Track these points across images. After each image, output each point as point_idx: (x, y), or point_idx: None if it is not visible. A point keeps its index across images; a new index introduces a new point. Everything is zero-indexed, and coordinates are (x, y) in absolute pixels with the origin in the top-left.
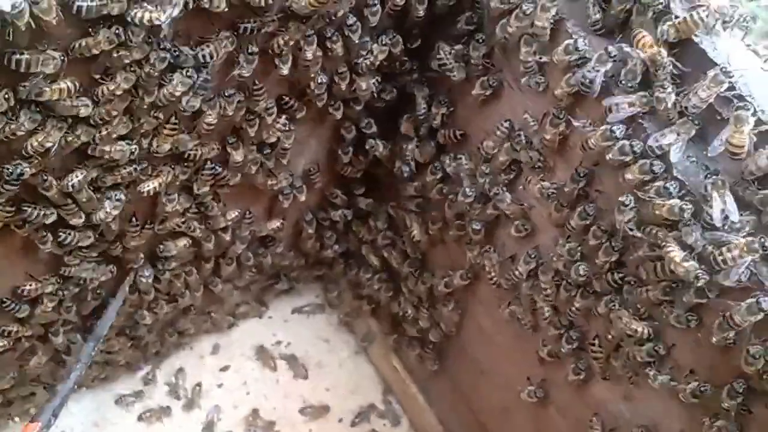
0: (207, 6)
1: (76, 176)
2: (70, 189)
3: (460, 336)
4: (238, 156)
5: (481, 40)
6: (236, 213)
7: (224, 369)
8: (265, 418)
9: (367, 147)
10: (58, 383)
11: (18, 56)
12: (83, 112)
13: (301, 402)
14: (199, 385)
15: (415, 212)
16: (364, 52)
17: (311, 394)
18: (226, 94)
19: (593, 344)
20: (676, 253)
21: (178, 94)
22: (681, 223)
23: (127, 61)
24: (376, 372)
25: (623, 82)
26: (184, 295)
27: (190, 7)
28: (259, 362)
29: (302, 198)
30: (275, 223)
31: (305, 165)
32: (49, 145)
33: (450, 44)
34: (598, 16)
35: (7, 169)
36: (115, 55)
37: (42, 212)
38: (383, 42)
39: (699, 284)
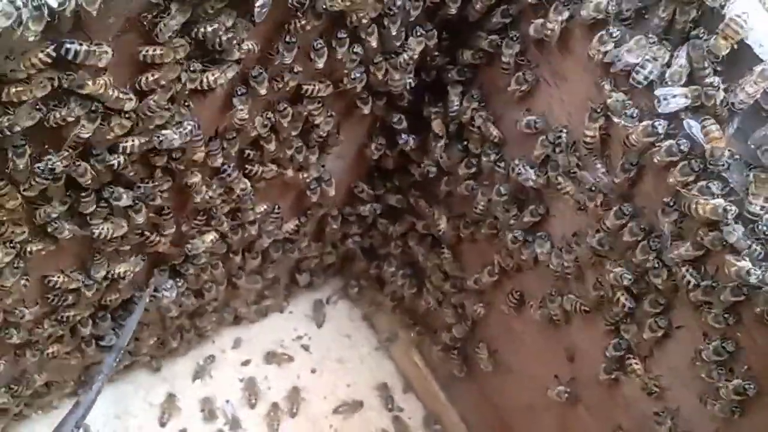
0: None
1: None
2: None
3: (485, 334)
4: (271, 146)
5: (515, 38)
6: (265, 206)
7: (245, 363)
8: (286, 413)
9: (399, 142)
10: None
11: (76, 47)
12: (128, 105)
13: (321, 397)
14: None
15: (441, 204)
16: (398, 43)
17: (332, 390)
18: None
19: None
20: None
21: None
22: (723, 223)
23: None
24: (397, 369)
25: (669, 83)
26: (210, 289)
27: None
28: (280, 357)
29: (331, 192)
30: (293, 223)
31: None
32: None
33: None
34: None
35: (39, 167)
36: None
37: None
38: (419, 34)
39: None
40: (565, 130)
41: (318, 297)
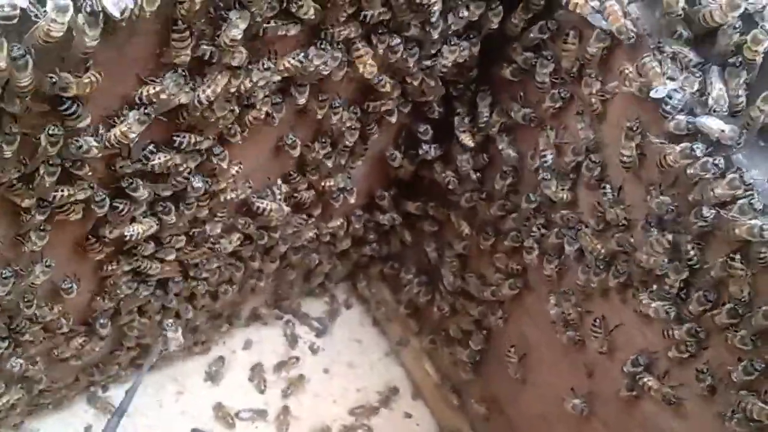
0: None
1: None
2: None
3: (500, 344)
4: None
5: (549, 57)
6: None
7: (255, 365)
8: (295, 416)
9: (420, 152)
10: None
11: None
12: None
13: (331, 401)
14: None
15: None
16: (433, 51)
17: (342, 394)
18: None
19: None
20: None
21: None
22: (758, 243)
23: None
24: (407, 375)
25: (716, 109)
26: (227, 291)
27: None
28: (290, 360)
29: (352, 200)
30: (336, 222)
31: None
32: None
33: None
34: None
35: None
36: None
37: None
38: (452, 43)
39: None
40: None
41: (329, 301)
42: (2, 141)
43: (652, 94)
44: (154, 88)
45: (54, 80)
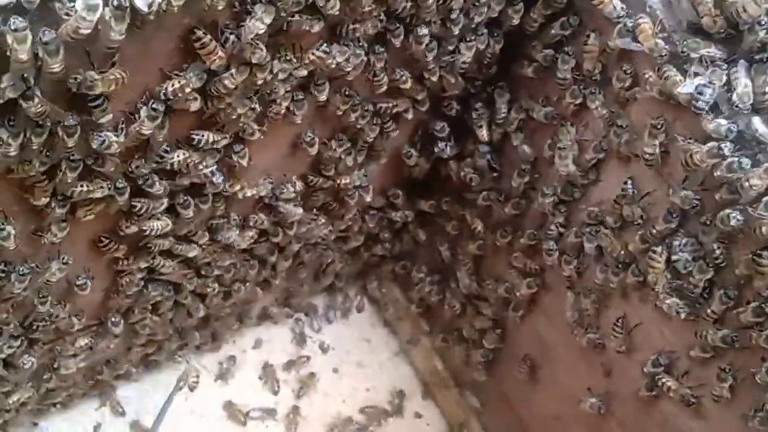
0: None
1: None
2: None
3: (515, 344)
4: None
5: (570, 53)
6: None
7: (265, 364)
8: (305, 416)
9: (435, 150)
10: None
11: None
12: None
13: (340, 401)
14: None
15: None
16: (451, 48)
17: (351, 393)
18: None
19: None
20: None
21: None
22: None
23: None
24: (416, 374)
25: (739, 105)
26: (240, 290)
27: None
28: (300, 358)
29: (368, 198)
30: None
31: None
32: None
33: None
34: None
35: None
36: None
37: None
38: (469, 39)
39: None
40: None
41: (341, 301)
42: (31, 133)
43: (680, 89)
44: (178, 82)
45: (78, 79)
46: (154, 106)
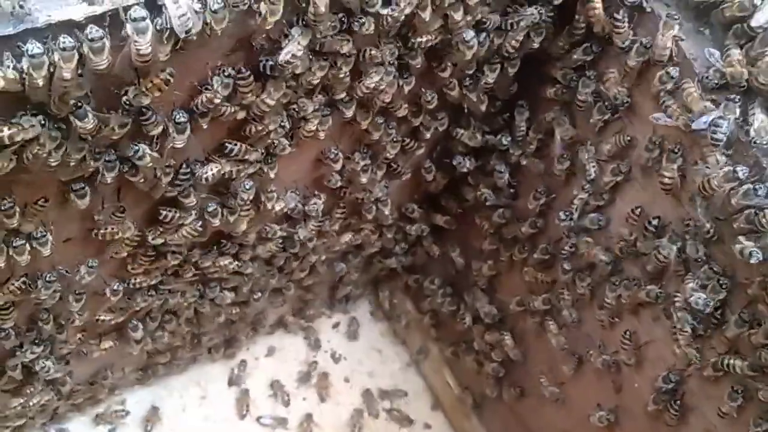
0: (357, 29)
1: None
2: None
3: (524, 357)
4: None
5: (592, 77)
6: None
7: (278, 372)
8: (318, 424)
9: (454, 163)
10: None
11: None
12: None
13: (352, 410)
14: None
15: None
16: (470, 72)
17: (363, 403)
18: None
19: None
20: None
21: None
22: None
23: None
24: (427, 386)
25: (756, 141)
26: (259, 299)
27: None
28: (311, 368)
29: (387, 211)
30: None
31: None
32: None
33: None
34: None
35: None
36: None
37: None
38: (493, 62)
39: None
40: None
41: (353, 312)
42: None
43: (695, 125)
44: (207, 94)
45: (126, 95)
46: (178, 118)
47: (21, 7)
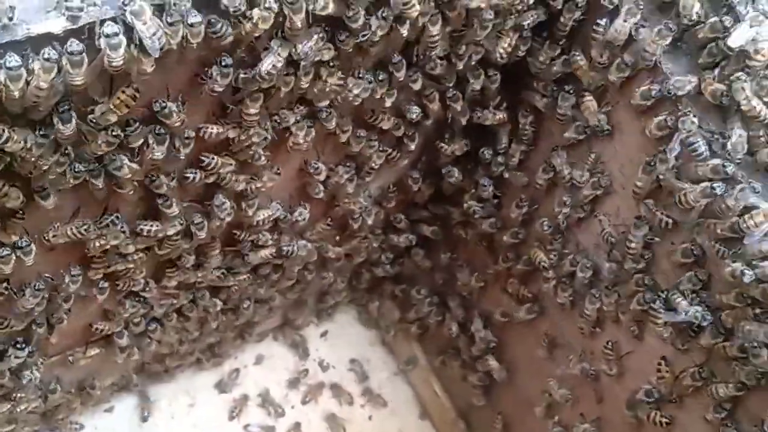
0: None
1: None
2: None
3: (510, 367)
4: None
5: (570, 92)
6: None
7: (266, 381)
8: None
9: (443, 171)
10: None
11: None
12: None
13: (339, 418)
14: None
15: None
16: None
17: (350, 411)
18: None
19: None
20: None
21: None
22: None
23: None
24: (415, 395)
25: (731, 154)
26: (248, 308)
27: None
28: (300, 376)
29: (369, 221)
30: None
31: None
32: None
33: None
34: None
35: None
36: None
37: None
38: (477, 70)
39: None
40: None
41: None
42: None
43: (670, 155)
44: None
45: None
46: (158, 130)
47: (10, 19)
